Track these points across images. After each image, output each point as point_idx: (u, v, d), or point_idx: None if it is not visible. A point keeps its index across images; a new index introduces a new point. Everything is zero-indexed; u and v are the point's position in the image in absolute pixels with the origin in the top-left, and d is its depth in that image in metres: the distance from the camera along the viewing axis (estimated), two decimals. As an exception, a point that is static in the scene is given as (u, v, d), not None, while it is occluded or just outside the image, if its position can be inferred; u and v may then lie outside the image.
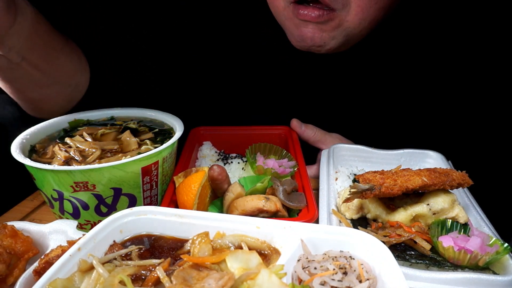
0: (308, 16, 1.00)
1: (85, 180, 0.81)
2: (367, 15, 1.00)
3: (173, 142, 0.91)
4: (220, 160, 1.14)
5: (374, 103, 1.28)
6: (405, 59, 1.23)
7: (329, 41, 1.06)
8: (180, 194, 0.87)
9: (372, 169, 1.09)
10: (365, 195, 0.83)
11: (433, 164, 1.07)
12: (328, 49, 1.08)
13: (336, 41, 1.06)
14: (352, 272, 0.57)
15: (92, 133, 1.00)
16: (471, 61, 1.19)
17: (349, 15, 1.00)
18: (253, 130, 1.22)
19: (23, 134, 0.94)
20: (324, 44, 1.06)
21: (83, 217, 0.87)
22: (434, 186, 0.84)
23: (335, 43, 1.06)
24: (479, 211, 0.89)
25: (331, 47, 1.07)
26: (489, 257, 0.73)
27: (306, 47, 1.08)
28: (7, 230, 0.73)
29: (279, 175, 0.99)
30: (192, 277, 0.54)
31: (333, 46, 1.07)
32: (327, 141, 1.20)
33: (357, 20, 1.01)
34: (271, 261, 0.61)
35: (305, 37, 1.05)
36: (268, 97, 1.33)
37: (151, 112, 1.10)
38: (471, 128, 1.24)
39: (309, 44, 1.06)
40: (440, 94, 1.25)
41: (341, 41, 1.06)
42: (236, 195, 0.88)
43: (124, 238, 0.67)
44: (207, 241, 0.61)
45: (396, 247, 0.80)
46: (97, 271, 0.55)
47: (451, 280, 0.70)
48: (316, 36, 1.04)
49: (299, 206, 0.86)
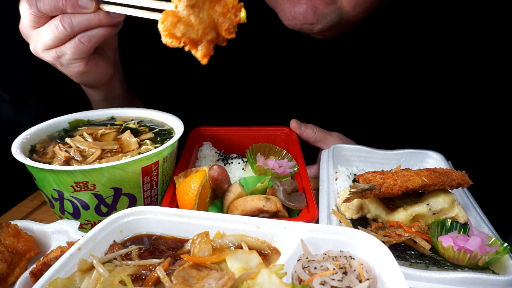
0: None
1: (85, 180, 0.81)
2: None
3: (173, 142, 0.91)
4: (220, 161, 1.14)
5: (375, 103, 1.28)
6: (406, 59, 1.23)
7: (322, 19, 1.03)
8: (180, 194, 0.87)
9: (372, 169, 1.09)
10: (365, 195, 0.83)
11: (433, 164, 1.07)
12: (320, 28, 1.05)
13: (329, 20, 1.04)
14: (352, 272, 0.57)
15: (92, 133, 1.00)
16: (472, 61, 1.19)
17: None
18: (253, 131, 1.22)
19: (23, 134, 0.94)
20: (317, 22, 1.03)
21: (83, 217, 0.87)
22: (434, 186, 0.84)
23: (327, 22, 1.04)
24: (479, 211, 0.89)
25: (323, 26, 1.05)
26: (488, 257, 0.73)
27: (298, 26, 1.06)
28: (10, 229, 0.74)
29: (279, 175, 0.99)
30: (192, 277, 0.54)
31: (325, 26, 1.04)
32: (327, 140, 1.19)
33: (352, 3, 1.00)
34: (271, 261, 0.61)
35: (297, 13, 1.02)
36: (269, 98, 1.34)
37: (151, 112, 1.10)
38: (471, 128, 1.24)
39: (301, 21, 1.04)
40: (440, 94, 1.25)
41: (334, 21, 1.04)
42: (236, 195, 0.88)
43: (124, 238, 0.67)
44: (207, 241, 0.61)
45: (396, 247, 0.80)
46: (97, 271, 0.55)
47: (451, 280, 0.71)
48: (309, 11, 1.02)
49: (299, 207, 0.86)
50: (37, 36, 0.92)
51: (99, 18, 0.89)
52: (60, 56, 0.94)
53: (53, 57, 0.94)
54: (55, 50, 0.93)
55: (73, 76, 1.02)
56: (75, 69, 0.98)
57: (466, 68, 1.20)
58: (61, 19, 0.88)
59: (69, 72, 1.00)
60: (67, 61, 0.95)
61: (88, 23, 0.90)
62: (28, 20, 0.90)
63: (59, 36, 0.90)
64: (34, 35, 0.93)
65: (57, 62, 0.96)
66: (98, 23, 0.90)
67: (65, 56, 0.94)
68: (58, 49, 0.92)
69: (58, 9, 0.87)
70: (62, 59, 0.94)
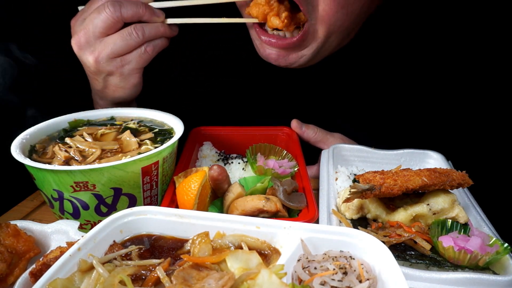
0: (269, 42, 1.00)
1: (85, 180, 0.81)
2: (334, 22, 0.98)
3: (173, 142, 0.91)
4: (220, 161, 1.14)
5: (375, 103, 1.28)
6: (406, 59, 1.23)
7: (297, 60, 1.05)
8: (180, 194, 0.87)
9: (372, 169, 1.09)
10: (365, 195, 0.83)
11: (433, 164, 1.07)
12: (297, 66, 1.08)
13: (305, 58, 1.06)
14: (352, 272, 0.57)
15: (92, 133, 1.00)
16: (471, 61, 1.19)
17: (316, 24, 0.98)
18: (253, 131, 1.22)
19: (23, 134, 0.94)
20: (291, 64, 1.06)
21: (83, 217, 0.87)
22: (434, 186, 0.84)
23: (304, 60, 1.06)
24: (479, 211, 0.89)
25: (300, 65, 1.07)
26: (489, 257, 0.73)
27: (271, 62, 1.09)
28: (9, 229, 0.74)
29: (280, 175, 0.99)
30: (192, 277, 0.54)
31: (303, 63, 1.07)
32: (328, 141, 1.19)
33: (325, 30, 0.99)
34: (271, 261, 0.61)
35: (269, 57, 1.06)
36: (269, 97, 1.33)
37: (151, 112, 1.10)
38: (471, 128, 1.24)
39: (274, 63, 1.07)
40: (440, 94, 1.25)
41: (310, 57, 1.05)
42: (236, 195, 0.88)
43: (124, 238, 0.67)
44: (207, 241, 0.61)
45: (396, 247, 0.80)
46: (97, 271, 0.55)
47: (451, 280, 0.71)
48: (280, 57, 1.04)
49: (299, 207, 0.86)
50: (104, 45, 0.97)
51: (164, 29, 1.01)
52: (124, 65, 1.00)
53: (117, 66, 0.99)
54: (120, 58, 0.99)
55: (126, 87, 1.06)
56: (132, 80, 1.04)
57: (466, 68, 1.20)
58: (134, 27, 0.96)
59: (127, 84, 1.05)
60: (130, 70, 1.01)
61: (156, 32, 0.99)
62: (102, 27, 0.95)
63: (131, 43, 0.97)
64: (99, 45, 0.97)
65: (119, 71, 1.00)
66: (163, 33, 1.01)
67: (129, 65, 1.00)
68: (124, 58, 0.99)
69: (137, 15, 0.96)
70: (125, 68, 1.00)
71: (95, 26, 0.96)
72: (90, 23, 0.96)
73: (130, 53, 0.99)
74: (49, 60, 1.20)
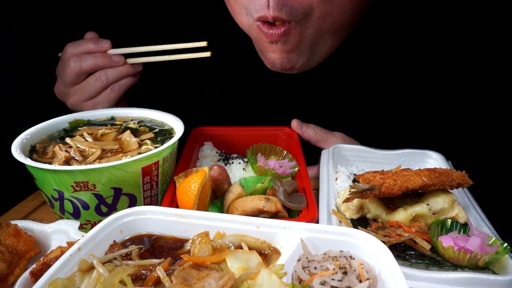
0: (275, 35, 1.02)
1: (86, 180, 0.81)
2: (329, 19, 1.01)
3: (173, 142, 0.91)
4: (221, 161, 1.14)
5: (375, 103, 1.28)
6: (406, 59, 1.23)
7: (297, 60, 1.10)
8: (181, 194, 0.87)
9: (372, 169, 1.09)
10: (365, 195, 0.83)
11: (433, 164, 1.07)
12: (298, 68, 1.12)
13: (304, 57, 1.10)
14: (352, 272, 0.57)
15: (92, 133, 1.00)
16: (471, 61, 1.19)
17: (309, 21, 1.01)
18: (254, 131, 1.22)
19: (23, 134, 0.94)
20: (294, 65, 1.11)
21: (83, 217, 0.87)
22: (434, 186, 0.84)
23: (303, 59, 1.10)
24: (479, 211, 0.89)
25: (301, 65, 1.11)
26: (488, 257, 0.73)
27: (278, 70, 1.15)
28: (10, 229, 0.74)
29: (280, 175, 0.99)
30: (192, 277, 0.54)
31: (303, 63, 1.11)
32: (329, 141, 1.19)
33: (318, 26, 1.02)
34: (271, 261, 0.61)
35: (275, 63, 1.11)
36: (269, 98, 1.33)
37: (151, 112, 1.10)
38: (471, 128, 1.24)
39: (279, 68, 1.13)
40: (440, 94, 1.25)
41: (308, 55, 1.10)
42: (236, 195, 0.88)
43: (124, 238, 0.67)
44: (207, 241, 0.61)
45: (396, 247, 0.80)
46: (98, 271, 0.55)
47: (451, 280, 0.71)
48: (284, 59, 1.09)
49: (299, 207, 0.86)
50: (74, 91, 1.14)
51: (126, 70, 1.14)
52: (96, 105, 1.15)
53: (90, 106, 1.15)
54: (91, 101, 1.14)
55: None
56: None
57: (465, 68, 1.20)
58: (99, 74, 1.12)
59: None
60: (102, 107, 1.16)
61: (118, 74, 1.13)
62: (69, 80, 1.12)
63: (97, 88, 1.12)
64: (72, 92, 1.14)
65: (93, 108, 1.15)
66: (126, 73, 1.14)
67: (100, 105, 1.15)
68: (94, 100, 1.14)
69: (97, 65, 1.10)
70: (97, 107, 1.15)
71: (64, 78, 1.12)
72: (61, 74, 1.13)
73: (99, 95, 1.14)
74: (49, 60, 1.20)
